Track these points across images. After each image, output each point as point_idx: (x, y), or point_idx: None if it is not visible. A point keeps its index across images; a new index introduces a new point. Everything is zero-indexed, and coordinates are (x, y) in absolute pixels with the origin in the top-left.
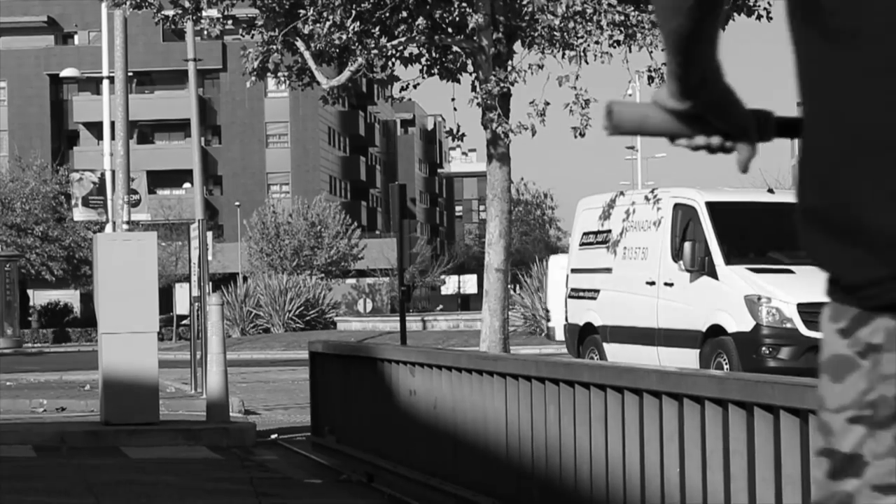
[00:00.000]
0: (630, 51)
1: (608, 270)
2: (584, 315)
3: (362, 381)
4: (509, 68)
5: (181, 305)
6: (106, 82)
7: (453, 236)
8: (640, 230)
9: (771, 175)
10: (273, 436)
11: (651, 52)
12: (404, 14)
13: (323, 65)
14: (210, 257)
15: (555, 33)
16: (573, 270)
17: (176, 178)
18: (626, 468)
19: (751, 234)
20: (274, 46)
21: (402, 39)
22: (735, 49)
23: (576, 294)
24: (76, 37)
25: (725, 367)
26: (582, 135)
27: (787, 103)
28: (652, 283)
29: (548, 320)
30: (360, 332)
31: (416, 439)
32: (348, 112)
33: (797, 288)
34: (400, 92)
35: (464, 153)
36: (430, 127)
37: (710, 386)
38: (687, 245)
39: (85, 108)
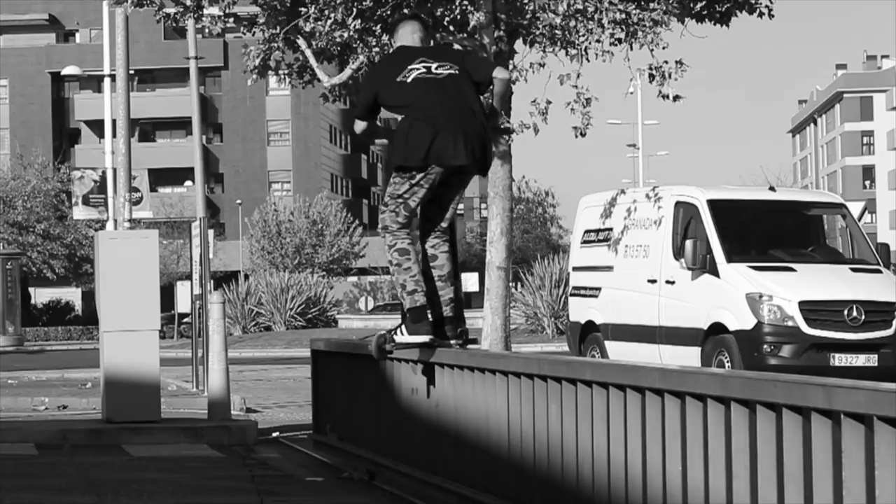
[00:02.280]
0: (631, 49)
1: (610, 268)
2: (585, 313)
3: (364, 379)
4: (511, 66)
5: (183, 303)
6: (107, 80)
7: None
8: (642, 228)
9: (772, 173)
10: (274, 434)
11: (652, 50)
12: (406, 12)
13: (324, 62)
14: (211, 255)
15: (556, 31)
16: (575, 268)
17: (177, 175)
18: (628, 466)
19: (752, 232)
20: (275, 44)
21: None
22: (737, 47)
23: (577, 292)
24: (77, 35)
25: (727, 365)
26: (583, 133)
27: (789, 101)
28: (653, 281)
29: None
30: (361, 329)
31: (418, 437)
32: (350, 110)
33: (798, 286)
34: None
35: None
36: None
37: (712, 384)
38: (688, 243)
39: (86, 106)
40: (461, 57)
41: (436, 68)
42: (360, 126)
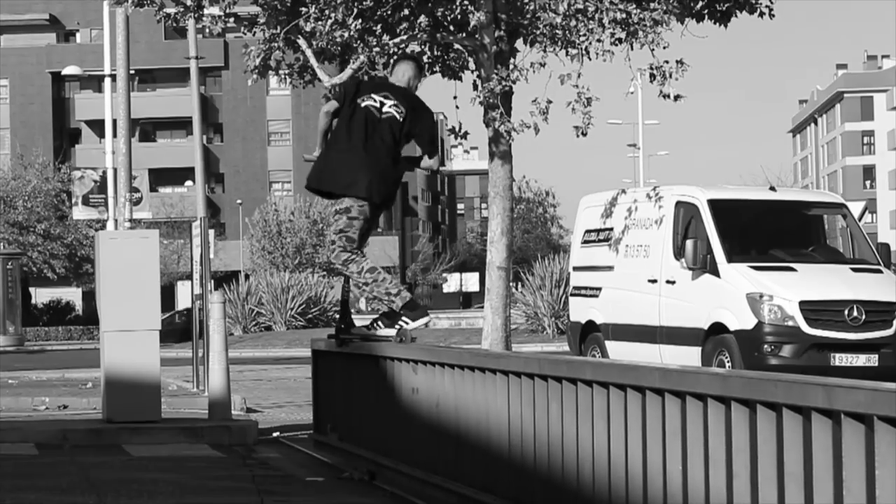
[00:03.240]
0: (632, 49)
1: (610, 268)
2: (586, 313)
3: (364, 379)
4: (511, 66)
5: (183, 303)
6: (108, 80)
7: (455, 234)
8: (642, 228)
9: (773, 173)
10: (275, 434)
11: (653, 49)
12: (406, 12)
13: (325, 62)
14: (212, 255)
15: (556, 31)
16: (575, 268)
17: (178, 175)
18: (629, 466)
19: (753, 232)
20: (276, 44)
21: (404, 37)
22: (737, 47)
23: (578, 292)
24: (78, 35)
25: (727, 364)
26: (584, 133)
27: (789, 101)
28: (654, 281)
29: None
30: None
31: (419, 437)
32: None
33: (799, 286)
34: None
35: (465, 151)
36: None
37: (713, 384)
38: (689, 243)
39: (87, 105)
40: (420, 111)
41: (388, 107)
42: (329, 106)
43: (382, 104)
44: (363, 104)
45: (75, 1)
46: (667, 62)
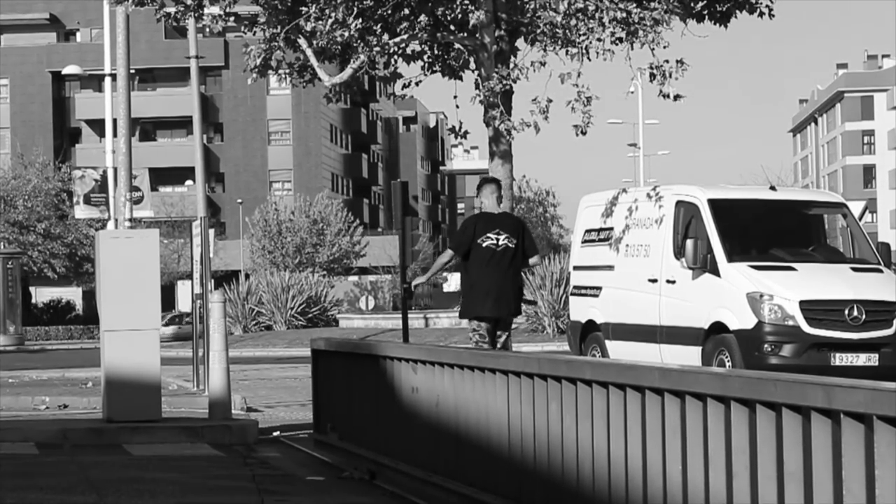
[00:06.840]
0: (632, 48)
1: (610, 268)
2: (586, 312)
3: (364, 379)
4: (511, 65)
5: (183, 303)
6: (108, 79)
7: None
8: (643, 227)
9: (773, 173)
10: (275, 433)
11: (653, 49)
12: (406, 11)
13: (325, 62)
14: (212, 255)
15: (557, 30)
16: (575, 268)
17: (178, 175)
18: (629, 466)
19: (753, 232)
20: (276, 44)
21: (405, 37)
22: (737, 47)
23: (578, 291)
24: (78, 34)
25: (727, 364)
26: (583, 132)
27: (790, 101)
28: (654, 281)
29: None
30: (362, 329)
31: (419, 436)
32: (350, 109)
33: (799, 285)
34: (402, 89)
35: (466, 151)
36: (432, 124)
37: (713, 383)
38: (689, 242)
39: (87, 105)
40: (522, 231)
41: (503, 240)
42: (448, 255)
43: (497, 241)
44: (484, 245)
45: (75, 0)
46: (667, 62)
